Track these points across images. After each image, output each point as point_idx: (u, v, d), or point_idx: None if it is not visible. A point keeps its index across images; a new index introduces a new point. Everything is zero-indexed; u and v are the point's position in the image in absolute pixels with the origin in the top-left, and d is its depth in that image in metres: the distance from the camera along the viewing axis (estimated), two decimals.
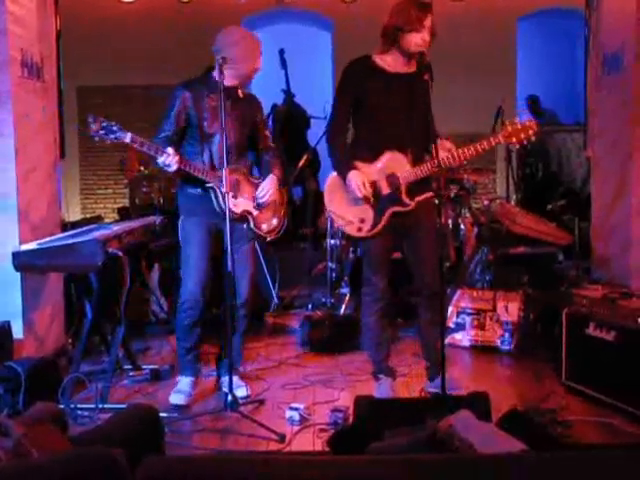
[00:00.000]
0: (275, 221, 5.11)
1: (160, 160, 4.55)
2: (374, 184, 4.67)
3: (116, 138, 4.46)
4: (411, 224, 4.74)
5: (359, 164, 4.68)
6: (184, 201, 4.96)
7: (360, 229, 4.72)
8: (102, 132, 4.43)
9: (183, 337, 4.98)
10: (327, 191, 4.85)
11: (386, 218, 4.68)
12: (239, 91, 4.95)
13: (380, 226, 4.70)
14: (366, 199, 4.64)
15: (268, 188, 5.01)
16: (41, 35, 5.59)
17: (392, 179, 4.64)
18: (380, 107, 4.66)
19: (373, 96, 4.66)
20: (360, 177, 4.62)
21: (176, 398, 4.88)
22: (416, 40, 4.51)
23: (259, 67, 4.90)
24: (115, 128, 4.45)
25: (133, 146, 4.54)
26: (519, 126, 4.56)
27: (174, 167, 4.57)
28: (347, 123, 4.80)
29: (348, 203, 4.73)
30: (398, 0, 4.62)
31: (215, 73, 4.80)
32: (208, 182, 4.71)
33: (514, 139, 4.58)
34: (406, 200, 4.66)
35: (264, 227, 5.05)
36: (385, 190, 4.67)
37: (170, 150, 4.55)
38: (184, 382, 4.98)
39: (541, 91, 12.36)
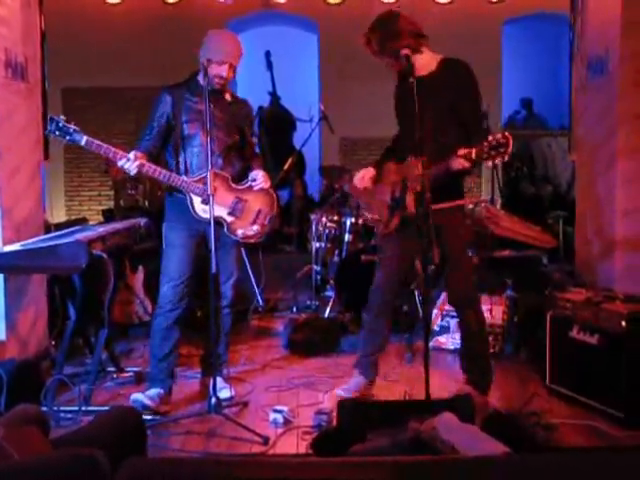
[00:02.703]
0: (256, 227, 4.96)
1: (119, 164, 4.61)
2: (394, 185, 4.75)
3: (71, 140, 4.56)
4: (438, 233, 4.58)
5: (391, 164, 4.82)
6: (168, 207, 4.96)
7: (377, 227, 4.97)
8: (57, 132, 4.55)
9: (157, 343, 4.89)
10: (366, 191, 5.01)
11: (395, 221, 4.73)
12: (227, 95, 4.91)
13: (390, 227, 4.76)
14: (383, 191, 4.79)
15: (259, 175, 4.97)
16: (25, 35, 5.56)
17: (404, 182, 4.65)
18: (401, 113, 4.79)
19: (398, 103, 4.83)
20: (367, 171, 4.84)
21: (138, 401, 4.73)
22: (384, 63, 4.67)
23: (223, 74, 4.73)
24: (71, 130, 4.54)
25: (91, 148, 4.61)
26: (493, 142, 4.16)
27: (133, 171, 4.61)
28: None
29: (374, 201, 4.92)
30: None
31: (200, 76, 4.80)
32: (179, 187, 4.72)
33: (485, 156, 4.20)
34: (409, 204, 4.60)
35: (239, 233, 4.92)
36: (398, 193, 4.71)
37: (132, 155, 4.58)
38: (153, 391, 4.84)
39: (527, 95, 12.43)
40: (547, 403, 4.81)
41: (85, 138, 4.54)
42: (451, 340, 6.10)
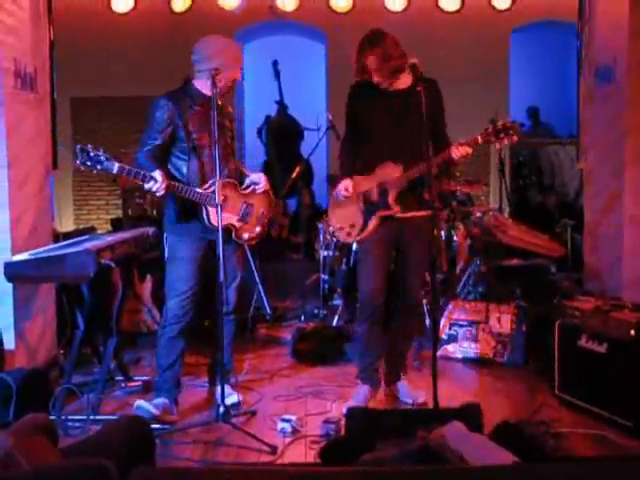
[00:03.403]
0: (258, 229, 5.06)
1: (147, 186, 4.53)
2: (366, 193, 4.85)
3: (103, 169, 4.44)
4: (404, 236, 4.88)
5: (358, 177, 4.88)
6: (171, 218, 4.90)
7: (349, 234, 4.95)
8: (89, 163, 4.41)
9: (163, 353, 4.89)
10: (329, 207, 5.14)
11: (374, 223, 4.82)
12: (218, 100, 4.90)
13: (368, 231, 4.84)
14: (350, 201, 4.85)
15: (262, 178, 5.06)
16: (34, 46, 5.59)
17: (381, 185, 4.81)
18: (371, 124, 4.86)
19: (367, 114, 4.87)
20: (345, 182, 4.85)
21: (142, 408, 4.74)
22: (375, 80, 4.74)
23: (239, 77, 4.90)
24: (103, 158, 4.42)
25: (121, 175, 4.51)
26: (500, 127, 4.62)
27: (161, 192, 4.56)
28: (352, 141, 5.00)
29: (342, 211, 4.96)
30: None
31: (195, 82, 4.82)
32: (197, 201, 4.68)
33: (493, 139, 4.62)
34: (392, 204, 4.77)
35: (245, 236, 5.01)
36: (375, 197, 4.83)
37: (158, 176, 4.51)
38: (157, 400, 4.85)
39: (535, 103, 12.40)
40: (556, 412, 4.80)
41: (117, 165, 4.43)
42: (459, 349, 6.09)
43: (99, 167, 4.42)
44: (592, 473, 2.22)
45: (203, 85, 4.78)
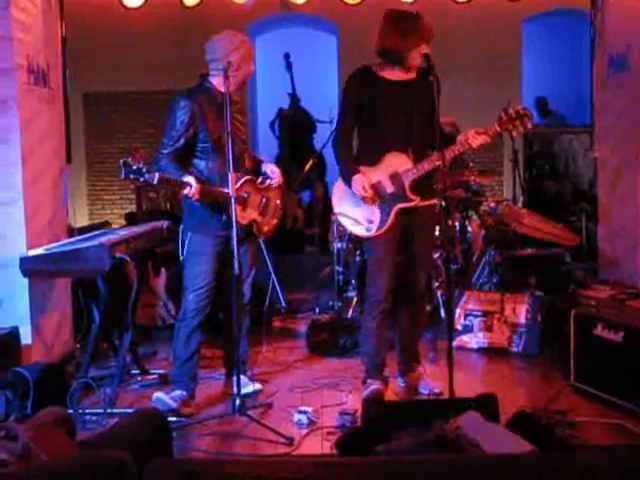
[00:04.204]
0: (275, 221, 5.15)
1: (184, 192, 4.56)
2: (378, 185, 4.77)
3: (145, 180, 4.42)
4: (414, 227, 4.86)
5: (363, 168, 4.80)
6: (192, 215, 4.88)
7: (369, 229, 4.84)
8: (132, 176, 4.38)
9: (182, 346, 4.89)
10: (335, 195, 4.99)
11: (393, 216, 4.77)
12: (234, 96, 4.87)
13: (388, 225, 4.78)
14: (367, 200, 4.75)
15: (277, 171, 5.09)
16: (47, 42, 5.61)
17: (395, 177, 4.76)
18: (379, 114, 4.80)
19: (373, 104, 4.81)
20: (361, 179, 4.73)
21: (160, 400, 4.77)
22: (418, 54, 4.60)
23: (253, 70, 4.92)
24: (144, 170, 4.39)
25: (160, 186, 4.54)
26: (513, 114, 4.60)
27: (196, 197, 4.58)
28: (352, 131, 4.93)
29: (356, 205, 4.85)
30: (386, 21, 4.75)
31: (213, 80, 4.81)
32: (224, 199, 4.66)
33: (510, 127, 4.62)
34: (411, 196, 4.74)
35: (265, 229, 5.08)
36: (389, 189, 4.78)
37: (193, 181, 4.54)
38: (176, 393, 4.85)
39: (547, 93, 12.36)
40: (572, 401, 4.79)
41: (157, 176, 4.42)
42: (474, 339, 6.09)
43: (141, 179, 4.41)
44: (608, 462, 2.21)
45: (220, 82, 4.72)
